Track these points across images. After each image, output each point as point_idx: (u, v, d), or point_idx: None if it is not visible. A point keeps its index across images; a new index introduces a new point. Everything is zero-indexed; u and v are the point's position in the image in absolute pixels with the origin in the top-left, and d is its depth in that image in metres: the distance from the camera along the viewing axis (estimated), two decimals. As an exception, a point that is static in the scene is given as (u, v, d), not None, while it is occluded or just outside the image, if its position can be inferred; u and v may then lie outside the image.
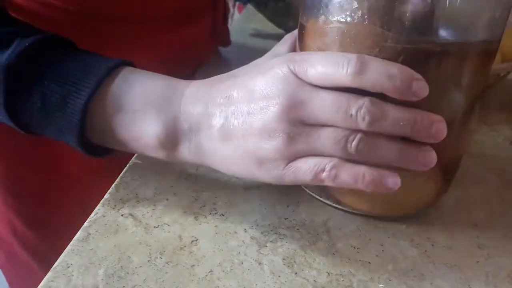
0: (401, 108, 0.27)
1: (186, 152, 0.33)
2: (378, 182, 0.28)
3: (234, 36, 0.75)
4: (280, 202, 0.37)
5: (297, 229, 0.34)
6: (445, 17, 0.27)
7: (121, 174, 0.39)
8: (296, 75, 0.28)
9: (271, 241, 0.32)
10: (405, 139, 0.28)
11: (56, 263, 0.30)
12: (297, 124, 0.28)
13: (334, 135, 0.28)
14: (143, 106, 0.32)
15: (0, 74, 0.31)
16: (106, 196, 0.36)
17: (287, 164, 0.29)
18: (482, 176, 0.42)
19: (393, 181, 0.28)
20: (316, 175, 0.28)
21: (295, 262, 0.31)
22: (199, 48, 0.62)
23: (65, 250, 0.31)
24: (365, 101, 0.27)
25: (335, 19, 0.29)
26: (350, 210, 0.35)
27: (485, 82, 0.32)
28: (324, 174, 0.28)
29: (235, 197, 0.37)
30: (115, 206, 0.35)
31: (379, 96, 0.27)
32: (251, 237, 0.33)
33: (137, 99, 0.32)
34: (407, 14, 0.27)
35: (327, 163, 0.28)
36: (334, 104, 0.27)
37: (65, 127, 0.32)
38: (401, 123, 0.27)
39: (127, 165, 0.40)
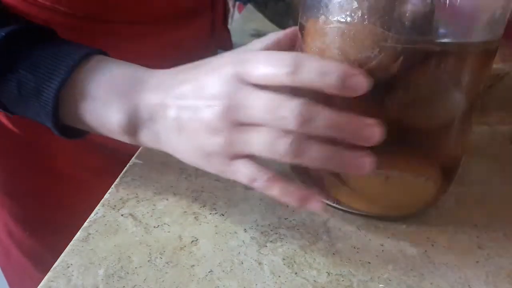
0: (334, 111, 0.27)
1: (146, 138, 0.34)
2: (304, 201, 0.29)
3: (234, 36, 0.75)
4: (280, 202, 0.37)
5: (297, 229, 0.34)
6: (445, 17, 0.27)
7: (121, 174, 0.39)
8: (239, 76, 0.29)
9: (271, 241, 0.32)
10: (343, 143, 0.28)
11: (56, 263, 0.30)
12: (237, 124, 0.29)
13: (266, 137, 0.28)
14: (108, 93, 0.33)
15: None
16: (106, 196, 0.36)
17: (231, 161, 0.30)
18: (482, 176, 0.42)
19: (316, 205, 0.29)
20: (250, 182, 0.30)
21: (295, 262, 0.31)
22: (198, 49, 0.62)
23: (65, 250, 0.31)
24: (297, 103, 0.27)
25: (335, 19, 0.29)
26: (349, 210, 0.35)
27: (485, 82, 0.32)
28: (256, 184, 0.30)
29: (235, 197, 0.37)
30: (115, 206, 0.35)
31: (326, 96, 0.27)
32: (251, 237, 0.33)
33: (102, 87, 0.34)
34: (407, 14, 0.27)
35: (263, 176, 0.30)
36: (268, 105, 0.28)
37: (41, 113, 0.34)
38: (333, 126, 0.27)
39: (127, 165, 0.40)
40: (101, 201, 0.36)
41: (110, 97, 0.33)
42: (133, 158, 0.42)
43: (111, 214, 0.34)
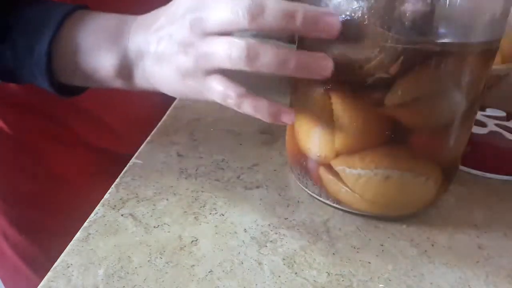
0: (280, 2, 0.28)
1: (137, 79, 0.35)
2: (276, 115, 0.31)
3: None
4: (280, 202, 0.37)
5: (297, 229, 0.34)
6: (445, 17, 0.27)
7: (121, 174, 0.39)
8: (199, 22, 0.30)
9: (271, 241, 0.32)
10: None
11: (56, 263, 0.30)
12: (201, 35, 0.30)
13: (224, 45, 0.29)
14: (99, 41, 0.35)
15: None
16: (106, 196, 0.36)
17: (204, 78, 0.32)
18: (482, 176, 0.42)
19: (288, 117, 0.31)
20: (224, 99, 0.31)
21: (295, 262, 0.31)
22: None
23: (65, 250, 0.31)
24: (244, 1, 0.28)
25: None
26: (349, 210, 0.35)
27: (485, 82, 0.32)
28: (230, 101, 0.31)
29: (235, 197, 0.37)
30: (115, 206, 0.35)
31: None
32: (251, 237, 0.33)
33: (92, 36, 0.35)
34: (407, 14, 0.27)
35: (234, 91, 0.31)
36: (225, 7, 0.29)
37: (36, 72, 0.35)
38: (283, 16, 0.27)
39: (127, 165, 0.40)
40: (101, 201, 0.36)
41: (101, 44, 0.35)
42: (133, 158, 0.42)
43: (111, 214, 0.34)
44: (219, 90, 0.31)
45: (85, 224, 0.33)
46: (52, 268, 0.29)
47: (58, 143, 0.54)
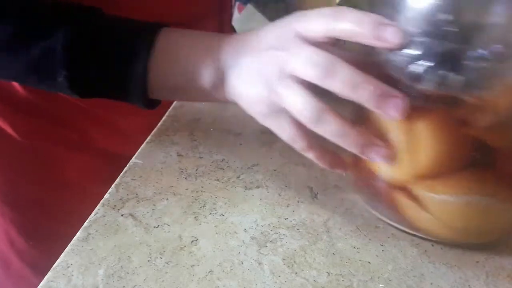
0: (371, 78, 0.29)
1: (224, 92, 0.37)
2: (334, 166, 0.35)
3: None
4: (280, 202, 0.37)
5: (297, 229, 0.34)
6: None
7: (121, 174, 0.39)
8: (297, 32, 0.32)
9: (271, 241, 0.32)
10: None
11: (56, 263, 0.30)
12: (280, 75, 0.32)
13: (298, 99, 0.31)
14: (194, 56, 0.36)
15: (58, 59, 0.35)
16: (106, 196, 0.36)
17: (276, 114, 0.33)
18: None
19: (342, 170, 0.35)
20: (290, 142, 0.34)
21: (295, 262, 0.31)
22: None
23: (65, 250, 0.31)
24: (343, 66, 0.29)
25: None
26: (427, 237, 0.33)
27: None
28: (295, 146, 0.34)
29: (235, 197, 0.37)
30: (115, 206, 0.35)
31: None
32: (251, 237, 0.33)
33: (185, 53, 0.37)
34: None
35: (301, 141, 0.33)
36: (312, 57, 0.30)
37: (128, 89, 0.37)
38: (352, 86, 0.29)
39: (127, 165, 0.40)
40: (101, 201, 0.36)
41: (197, 58, 0.36)
42: (133, 158, 0.42)
43: (111, 214, 0.34)
44: (288, 134, 0.33)
45: (85, 224, 0.33)
46: (52, 268, 0.29)
47: (67, 148, 0.54)
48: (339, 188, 0.39)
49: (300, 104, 0.30)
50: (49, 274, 0.29)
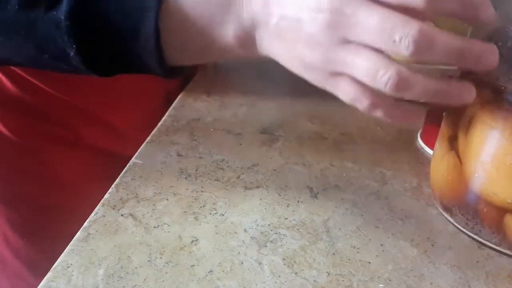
0: (451, 35, 0.25)
1: (257, 48, 0.33)
2: (408, 118, 0.30)
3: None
4: (280, 202, 0.37)
5: (297, 229, 0.34)
6: None
7: (121, 174, 0.39)
8: None
9: (271, 241, 0.32)
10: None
11: (56, 263, 0.30)
12: (341, 41, 0.28)
13: (370, 64, 0.27)
14: (208, 12, 0.33)
15: (64, 31, 0.33)
16: (106, 196, 0.36)
17: (331, 76, 0.29)
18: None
19: (418, 121, 0.32)
20: (352, 102, 0.29)
21: (295, 262, 0.31)
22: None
23: (65, 250, 0.31)
24: (412, 28, 0.25)
25: None
26: None
27: None
28: (358, 106, 0.29)
29: (235, 197, 0.37)
30: (115, 206, 0.35)
31: None
32: (251, 237, 0.33)
33: (199, 8, 0.33)
34: None
35: (366, 99, 0.29)
36: (379, 26, 0.26)
37: (142, 54, 0.34)
38: (449, 54, 0.26)
39: (127, 165, 0.40)
40: (101, 201, 0.36)
41: (213, 15, 0.33)
42: (133, 158, 0.42)
43: (111, 214, 0.34)
44: (348, 93, 0.29)
45: (85, 224, 0.33)
46: (52, 268, 0.29)
47: (60, 146, 0.54)
48: (339, 188, 0.39)
49: (378, 68, 0.26)
50: (49, 274, 0.29)
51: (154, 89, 0.56)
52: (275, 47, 0.32)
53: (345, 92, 0.29)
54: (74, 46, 0.33)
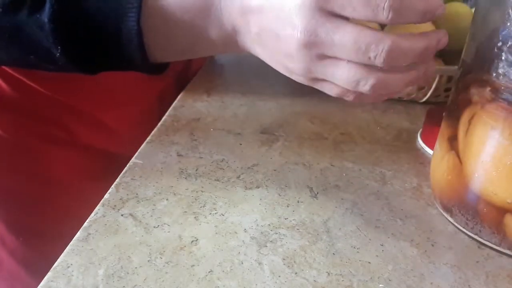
0: (415, 38, 0.28)
1: (238, 47, 0.35)
2: (390, 94, 0.32)
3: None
4: (280, 202, 0.37)
5: (297, 229, 0.34)
6: None
7: (121, 174, 0.39)
8: (321, 7, 0.28)
9: (271, 241, 0.32)
10: None
11: (56, 263, 0.30)
12: (317, 57, 0.29)
13: (348, 74, 0.29)
14: (188, 14, 0.34)
15: (48, 33, 0.33)
16: (106, 196, 0.36)
17: (313, 80, 0.31)
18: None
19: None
20: (339, 97, 0.32)
21: (295, 262, 0.31)
22: None
23: (65, 250, 0.31)
24: (385, 44, 0.27)
25: None
26: None
27: None
28: (347, 99, 0.31)
29: (235, 197, 0.37)
30: (115, 206, 0.35)
31: None
32: (251, 237, 0.33)
33: (179, 10, 0.34)
34: None
35: (351, 93, 0.31)
36: (353, 46, 0.27)
37: (125, 53, 0.35)
38: (417, 54, 0.28)
39: (127, 165, 0.40)
40: (101, 201, 0.36)
41: (193, 17, 0.34)
42: (133, 158, 0.42)
43: (111, 214, 0.34)
44: (335, 91, 0.31)
45: (85, 224, 0.33)
46: (52, 268, 0.29)
47: (55, 145, 0.54)
48: (339, 188, 0.39)
49: (363, 83, 0.29)
50: (49, 274, 0.29)
51: (147, 88, 0.56)
52: (258, 51, 0.33)
53: (330, 91, 0.32)
54: (59, 47, 0.34)
